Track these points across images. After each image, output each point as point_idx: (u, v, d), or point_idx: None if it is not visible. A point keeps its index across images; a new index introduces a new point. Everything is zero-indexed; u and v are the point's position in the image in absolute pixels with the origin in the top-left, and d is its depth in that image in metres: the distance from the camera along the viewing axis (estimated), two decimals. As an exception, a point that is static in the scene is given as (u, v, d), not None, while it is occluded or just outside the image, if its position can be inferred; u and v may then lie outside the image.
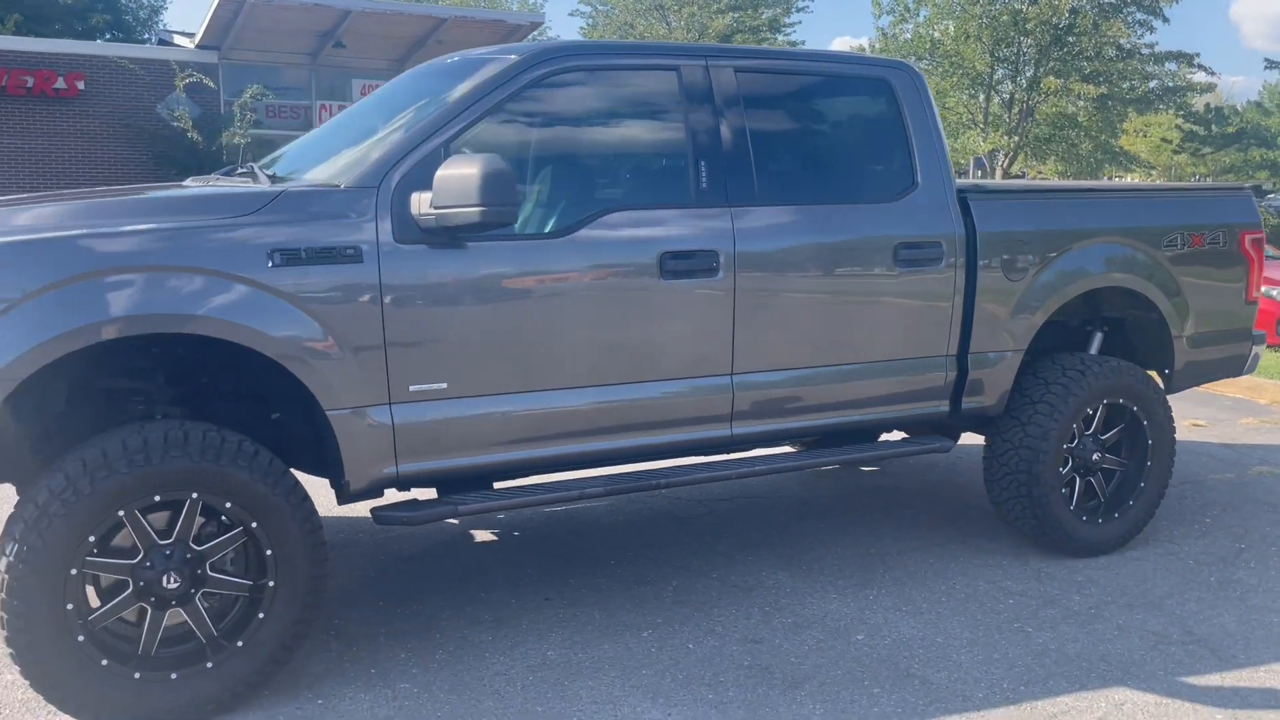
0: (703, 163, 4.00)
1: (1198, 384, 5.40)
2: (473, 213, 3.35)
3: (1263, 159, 26.96)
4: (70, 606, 3.13)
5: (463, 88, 3.78)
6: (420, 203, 3.48)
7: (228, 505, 3.30)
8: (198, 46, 21.32)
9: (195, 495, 3.25)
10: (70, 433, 3.51)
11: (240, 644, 3.37)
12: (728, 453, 4.34)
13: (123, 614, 3.29)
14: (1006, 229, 4.58)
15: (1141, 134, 37.76)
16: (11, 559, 3.03)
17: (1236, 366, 5.44)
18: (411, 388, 3.56)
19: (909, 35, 26.21)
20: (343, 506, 3.84)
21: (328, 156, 4.09)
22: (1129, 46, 25.06)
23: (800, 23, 62.20)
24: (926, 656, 3.89)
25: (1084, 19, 23.24)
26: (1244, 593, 4.53)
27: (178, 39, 23.38)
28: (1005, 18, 23.91)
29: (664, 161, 4.07)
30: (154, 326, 3.19)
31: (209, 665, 3.33)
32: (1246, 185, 5.63)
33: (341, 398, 3.45)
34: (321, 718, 3.40)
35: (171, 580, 3.26)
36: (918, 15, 25.93)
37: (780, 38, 35.97)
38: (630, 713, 3.46)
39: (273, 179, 3.87)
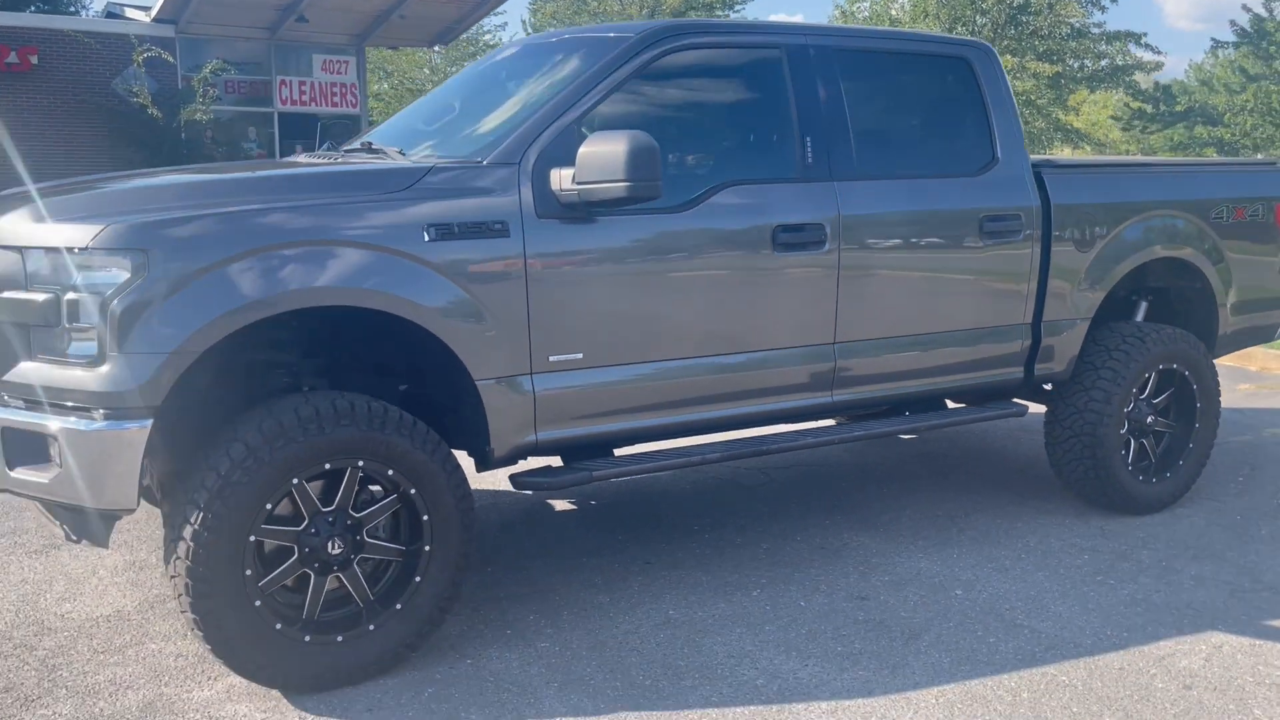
0: (808, 138, 4.15)
1: (1234, 350, 5.70)
2: (619, 188, 3.45)
3: (1210, 136, 27.91)
4: (249, 572, 3.20)
5: (586, 66, 3.88)
6: (561, 178, 3.58)
7: (389, 472, 3.38)
8: (154, 20, 20.84)
9: (361, 463, 3.34)
10: (210, 407, 3.55)
11: (399, 607, 3.47)
12: (824, 419, 4.51)
13: (284, 581, 3.36)
14: (1077, 202, 4.80)
15: (1074, 111, 38.57)
16: (197, 527, 3.10)
17: (1268, 334, 5.76)
18: (551, 358, 3.67)
19: (866, 13, 26.48)
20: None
21: (441, 133, 4.16)
22: (1080, 26, 25.59)
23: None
24: (1026, 608, 4.11)
25: (1039, -1, 23.74)
26: (1294, 545, 4.84)
27: (130, 12, 22.83)
28: (962, -5, 24.30)
29: (772, 137, 4.20)
30: (325, 299, 3.26)
31: (371, 628, 3.43)
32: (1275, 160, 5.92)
33: (489, 368, 3.56)
34: (476, 676, 3.52)
35: (335, 546, 3.35)
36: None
37: (729, 15, 36.03)
38: (769, 665, 3.63)
39: (402, 156, 3.93)
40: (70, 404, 3.11)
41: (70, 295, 3.08)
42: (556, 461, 3.99)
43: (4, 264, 3.19)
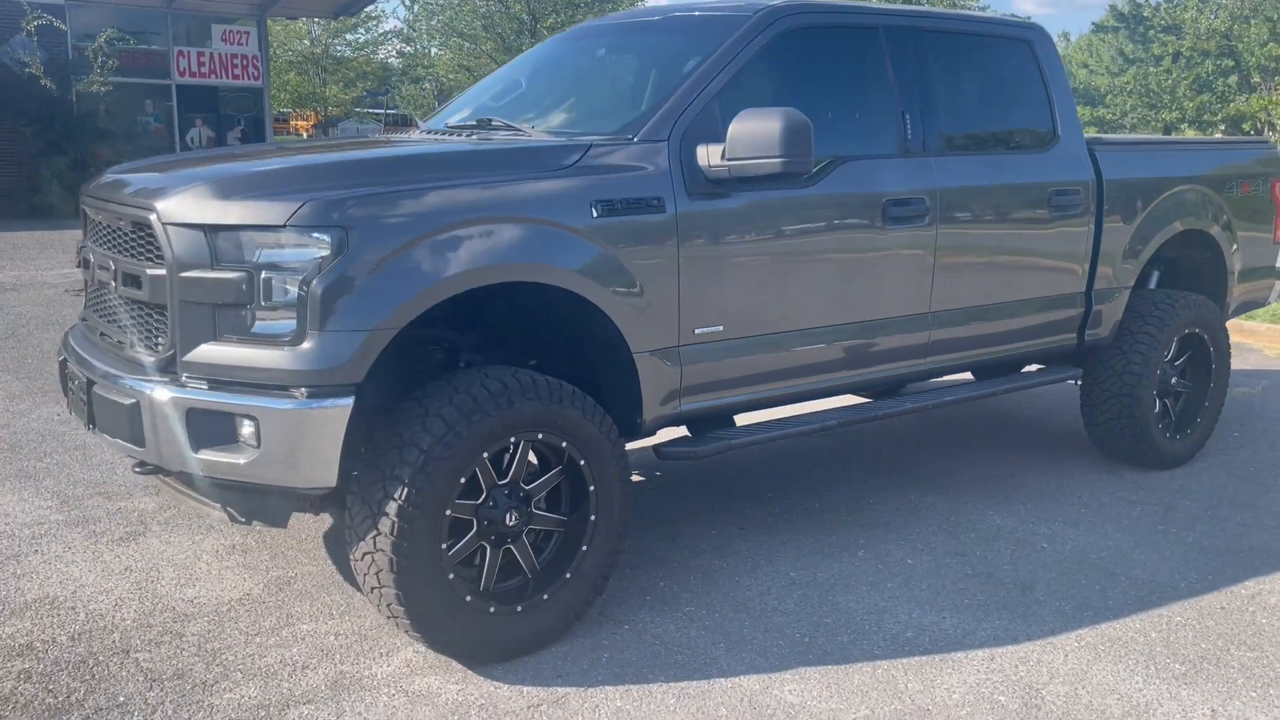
0: (906, 115, 4.33)
1: (1235, 316, 6.13)
2: (774, 164, 3.56)
3: (1092, 116, 29.31)
4: (444, 546, 3.23)
5: (712, 43, 3.96)
6: (709, 154, 3.67)
7: (563, 445, 3.44)
8: (42, -15, 19.75)
9: (540, 435, 3.38)
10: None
11: (568, 576, 3.53)
12: (913, 384, 4.72)
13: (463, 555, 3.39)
14: (1125, 177, 5.10)
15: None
16: (402, 503, 3.10)
17: (1263, 300, 6.22)
18: (696, 330, 3.77)
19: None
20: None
21: (550, 109, 4.20)
22: (963, 8, 26.47)
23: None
24: (1112, 558, 4.40)
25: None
26: (1313, 492, 5.28)
27: (11, -23, 21.54)
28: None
29: (877, 112, 4.35)
30: (510, 275, 3.29)
31: (545, 597, 3.48)
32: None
33: (646, 341, 3.63)
34: (641, 640, 3.61)
35: (511, 518, 3.39)
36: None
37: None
38: (909, 619, 3.82)
39: (537, 132, 3.95)
40: (265, 383, 3.07)
41: (266, 274, 3.04)
42: (682, 431, 4.09)
43: (186, 243, 3.11)
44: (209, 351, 3.11)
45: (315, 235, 3.03)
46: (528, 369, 3.42)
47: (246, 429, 3.08)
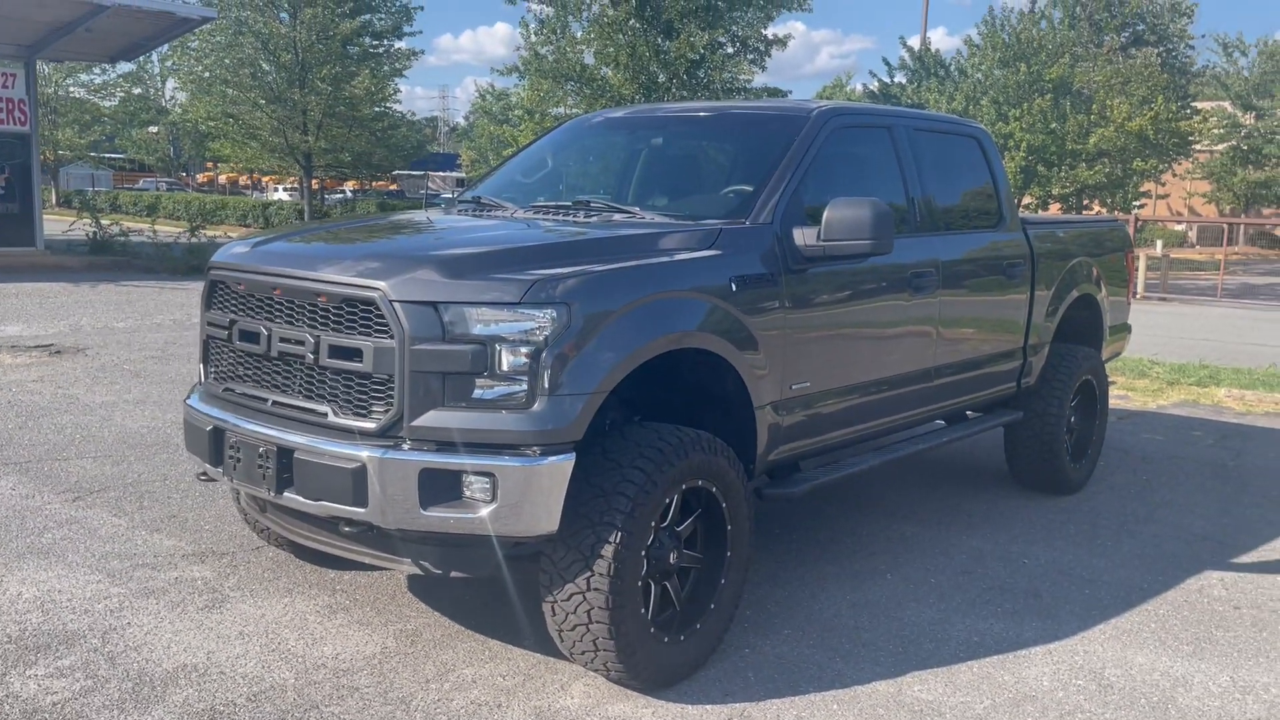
0: (915, 198, 5.13)
1: (1106, 363, 7.33)
2: (864, 245, 4.23)
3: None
4: (639, 584, 3.63)
5: (784, 139, 4.61)
6: (804, 235, 4.29)
7: (713, 490, 3.92)
8: None
9: (700, 482, 3.84)
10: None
11: (713, 606, 3.99)
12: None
13: (629, 592, 3.78)
14: (1047, 250, 6.14)
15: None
16: (617, 545, 3.49)
17: (1122, 350, 7.48)
18: (792, 387, 4.35)
19: (552, 57, 27.62)
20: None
21: (630, 189, 4.73)
22: (746, 82, 28.42)
23: (420, 32, 61.88)
24: (1081, 568, 5.30)
25: (715, 57, 26.17)
26: (1182, 508, 6.44)
27: None
28: (644, 50, 26.19)
29: (895, 196, 5.10)
30: (687, 342, 3.78)
31: (699, 626, 3.93)
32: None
33: (762, 397, 4.18)
34: (767, 661, 4.10)
35: (674, 556, 3.84)
36: (564, 32, 27.35)
37: (400, 44, 36.03)
38: (966, 626, 4.51)
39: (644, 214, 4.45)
40: (496, 444, 3.39)
41: (498, 345, 3.38)
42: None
43: (418, 319, 3.38)
44: (437, 417, 3.40)
45: (546, 310, 3.40)
46: (680, 426, 3.88)
47: (477, 486, 3.38)
